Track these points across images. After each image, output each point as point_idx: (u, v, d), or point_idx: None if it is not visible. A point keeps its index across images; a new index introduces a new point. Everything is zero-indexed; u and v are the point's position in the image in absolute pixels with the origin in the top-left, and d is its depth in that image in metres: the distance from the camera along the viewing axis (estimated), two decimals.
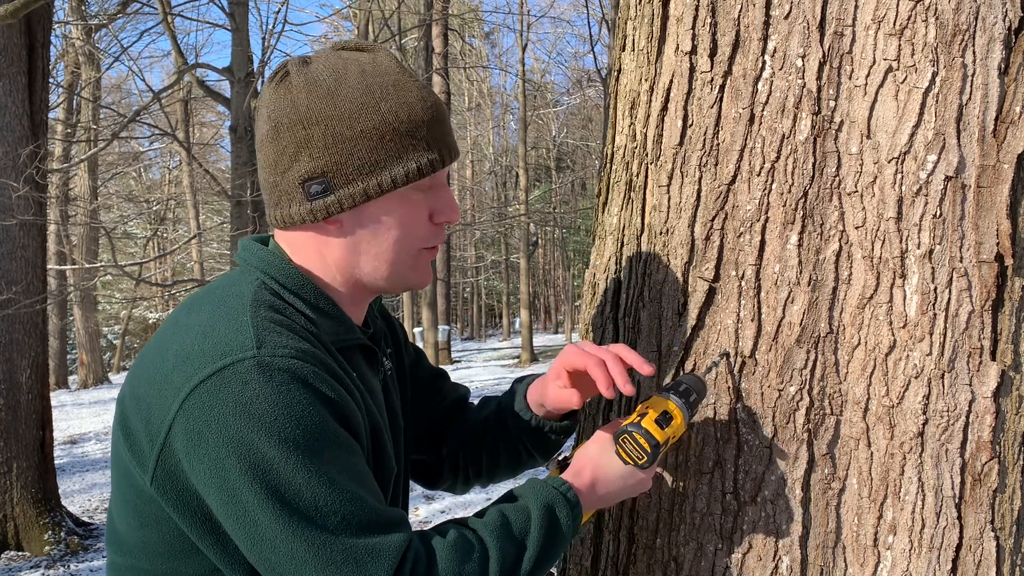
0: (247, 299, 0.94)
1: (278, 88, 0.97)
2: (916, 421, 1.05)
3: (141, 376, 0.94)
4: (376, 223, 0.98)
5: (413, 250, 1.01)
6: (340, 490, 0.87)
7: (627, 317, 1.26)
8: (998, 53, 1.03)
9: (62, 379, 18.53)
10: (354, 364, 1.02)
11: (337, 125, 0.94)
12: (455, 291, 37.74)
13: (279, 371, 0.87)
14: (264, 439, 0.85)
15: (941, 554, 1.06)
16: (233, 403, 0.85)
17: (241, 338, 0.88)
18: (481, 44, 33.93)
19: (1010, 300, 1.05)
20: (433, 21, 16.99)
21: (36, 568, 5.78)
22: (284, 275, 0.99)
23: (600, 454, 1.04)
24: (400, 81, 0.97)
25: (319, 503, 0.86)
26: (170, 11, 9.67)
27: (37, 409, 6.20)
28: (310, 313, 0.97)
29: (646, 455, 1.00)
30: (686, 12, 1.17)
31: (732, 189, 1.13)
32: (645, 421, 1.02)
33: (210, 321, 0.92)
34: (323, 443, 0.88)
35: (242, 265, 1.02)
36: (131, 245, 24.72)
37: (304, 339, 0.92)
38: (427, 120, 0.97)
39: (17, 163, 5.96)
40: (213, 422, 0.85)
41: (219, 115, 27.33)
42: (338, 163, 0.95)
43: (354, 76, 0.96)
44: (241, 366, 0.86)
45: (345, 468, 0.89)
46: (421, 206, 1.00)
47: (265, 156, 0.99)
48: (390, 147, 0.95)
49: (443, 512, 6.96)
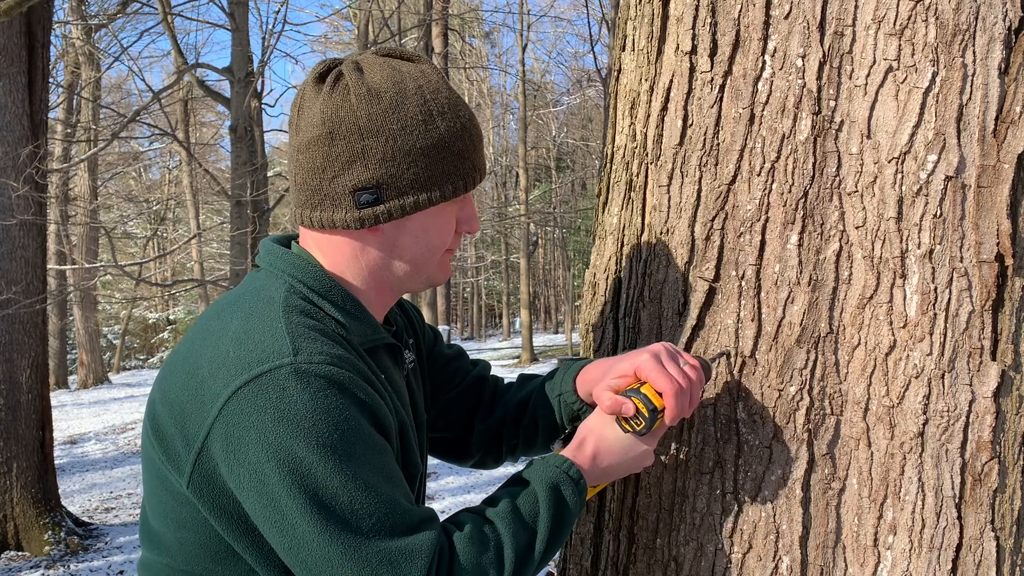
0: (278, 304, 0.96)
1: (333, 92, 0.98)
2: (916, 421, 1.05)
3: (174, 382, 0.96)
4: (417, 232, 1.02)
5: (440, 253, 1.06)
6: (375, 493, 0.90)
7: (627, 317, 1.26)
8: (998, 53, 1.03)
9: (62, 379, 18.53)
10: (381, 364, 1.05)
11: (398, 140, 0.97)
12: (455, 291, 37.73)
13: (316, 377, 0.89)
14: (302, 444, 0.87)
15: (941, 554, 1.06)
16: (272, 409, 0.87)
17: (278, 344, 0.90)
18: (481, 44, 33.92)
19: (1010, 300, 1.05)
20: (433, 21, 16.99)
21: (36, 568, 5.78)
22: (313, 279, 1.01)
23: (601, 424, 1.06)
24: (452, 100, 1.01)
25: (355, 507, 0.88)
26: (170, 11, 9.67)
27: (37, 409, 6.20)
28: (339, 316, 1.00)
29: (644, 420, 1.02)
30: (686, 12, 1.17)
31: (732, 189, 1.13)
32: (644, 388, 1.03)
33: (244, 327, 0.94)
34: (359, 447, 0.90)
35: (267, 269, 1.04)
36: (131, 245, 24.71)
37: (338, 343, 0.95)
38: (474, 140, 1.02)
39: (17, 163, 5.96)
40: (252, 428, 0.88)
41: (219, 115, 27.33)
42: (393, 176, 0.97)
43: (412, 91, 0.98)
44: (279, 372, 0.88)
45: (379, 471, 0.92)
46: (452, 216, 1.05)
47: (311, 158, 0.99)
48: (444, 165, 0.99)
49: (443, 512, 6.96)
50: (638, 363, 1.06)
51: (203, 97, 14.86)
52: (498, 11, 29.66)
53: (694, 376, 1.05)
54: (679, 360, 1.06)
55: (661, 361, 1.05)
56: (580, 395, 1.18)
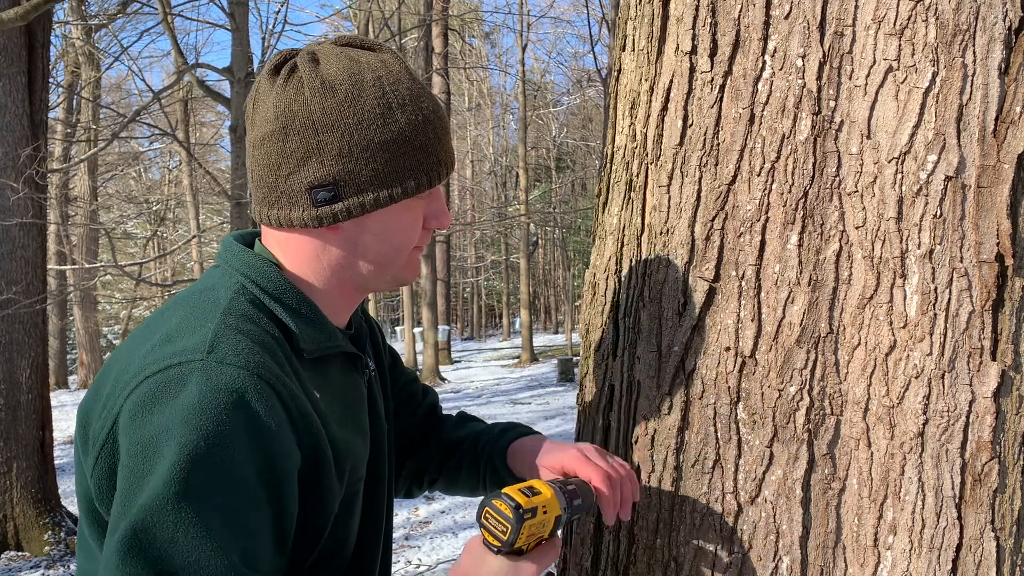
0: (221, 306, 0.92)
1: (287, 85, 0.93)
2: (916, 421, 1.05)
3: (105, 377, 0.92)
4: (379, 230, 0.97)
5: (407, 251, 1.01)
6: (210, 542, 0.80)
7: (627, 317, 1.26)
8: (998, 53, 1.03)
9: (62, 379, 18.54)
10: (327, 378, 1.00)
11: (354, 135, 0.92)
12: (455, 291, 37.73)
13: (222, 377, 0.84)
14: (173, 446, 0.80)
15: (941, 554, 1.06)
16: (165, 400, 0.83)
17: (197, 342, 0.86)
18: (481, 44, 33.93)
19: (1010, 300, 1.05)
20: (433, 21, 16.99)
21: (36, 568, 5.78)
22: (266, 279, 0.97)
23: (469, 560, 0.94)
24: (414, 91, 0.96)
25: (179, 545, 0.79)
26: (170, 11, 9.67)
27: (37, 409, 6.21)
28: (290, 321, 0.95)
29: (508, 523, 0.89)
30: (686, 12, 1.17)
31: (732, 189, 1.13)
32: (508, 488, 0.92)
33: (178, 326, 0.90)
34: (223, 483, 0.82)
35: (223, 266, 1.00)
36: (131, 245, 24.72)
37: (269, 352, 0.89)
38: (438, 133, 0.97)
39: (17, 163, 5.97)
40: (140, 415, 0.83)
41: (219, 115, 27.33)
42: (351, 172, 0.93)
43: (370, 83, 0.93)
44: (186, 367, 0.84)
45: (234, 518, 0.82)
46: (418, 212, 1.00)
47: (265, 154, 0.95)
48: (405, 160, 0.94)
49: (443, 512, 6.96)
50: (563, 457, 1.06)
51: (203, 97, 14.85)
52: (498, 11, 29.73)
53: (623, 472, 1.04)
54: (607, 457, 1.06)
55: (588, 456, 1.04)
56: (510, 463, 1.18)
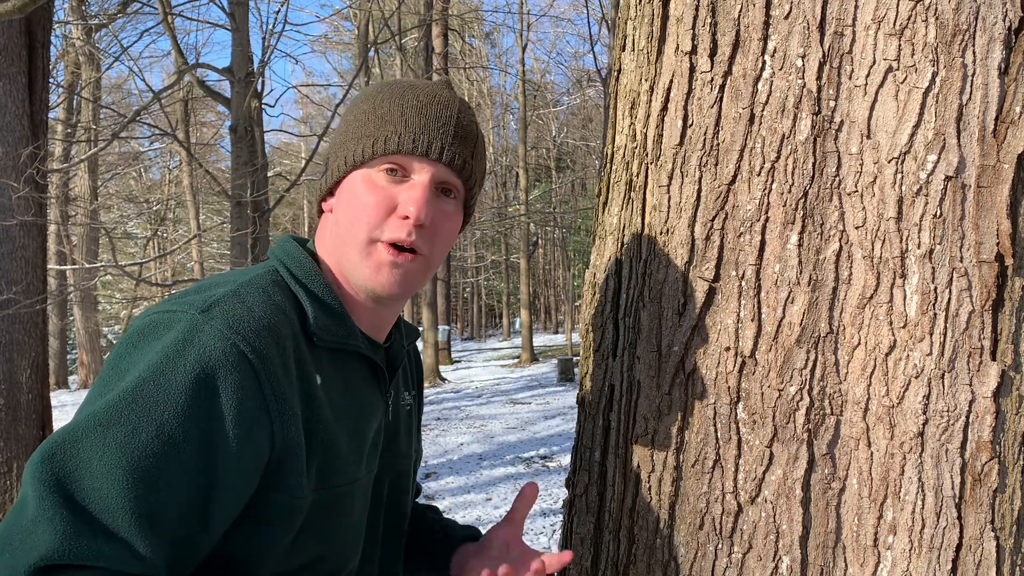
0: (245, 279, 0.94)
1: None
2: (916, 421, 1.05)
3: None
4: (344, 199, 1.00)
5: (363, 235, 0.97)
6: (120, 478, 0.77)
7: (627, 317, 1.26)
8: (998, 53, 1.03)
9: (62, 379, 18.55)
10: (343, 371, 0.99)
11: (349, 116, 1.03)
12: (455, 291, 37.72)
13: (202, 337, 0.83)
14: (130, 379, 0.80)
15: (941, 554, 1.06)
16: (149, 338, 0.84)
17: (200, 300, 0.87)
18: (481, 44, 33.92)
19: (1010, 300, 1.05)
20: (433, 21, 16.98)
21: None
22: (297, 266, 0.99)
23: None
24: (420, 87, 1.02)
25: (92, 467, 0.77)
26: (170, 11, 9.66)
27: (37, 409, 6.21)
28: (307, 304, 0.95)
29: None
30: (686, 12, 1.17)
31: (732, 189, 1.13)
32: None
33: (202, 285, 0.93)
34: (156, 431, 0.79)
35: (270, 257, 1.03)
36: (131, 245, 24.71)
37: (268, 324, 0.88)
38: (417, 107, 0.99)
39: (17, 163, 5.97)
40: (125, 342, 0.85)
41: (219, 115, 27.30)
42: (333, 148, 1.04)
43: (390, 85, 1.04)
44: (177, 316, 0.85)
45: (156, 469, 0.79)
46: (384, 193, 0.97)
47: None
48: (366, 128, 1.00)
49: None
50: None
51: (203, 97, 14.86)
52: (498, 11, 29.67)
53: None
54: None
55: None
56: (451, 565, 1.18)
